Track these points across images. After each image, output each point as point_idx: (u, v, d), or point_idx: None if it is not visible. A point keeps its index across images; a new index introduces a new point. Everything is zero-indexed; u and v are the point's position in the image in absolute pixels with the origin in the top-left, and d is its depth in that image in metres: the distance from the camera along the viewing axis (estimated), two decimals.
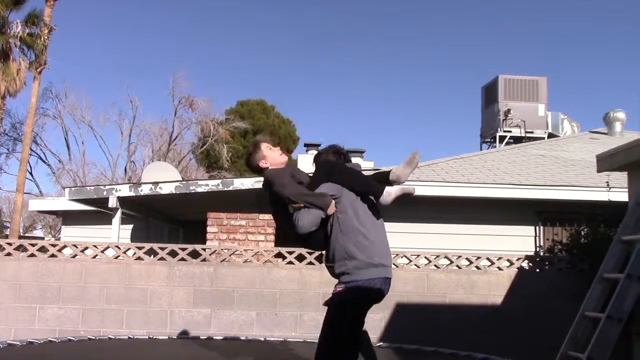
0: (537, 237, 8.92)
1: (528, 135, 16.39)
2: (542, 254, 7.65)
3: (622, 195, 6.88)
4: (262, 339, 5.72)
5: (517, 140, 16.27)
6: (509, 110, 16.64)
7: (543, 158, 11.11)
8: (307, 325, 6.75)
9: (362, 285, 3.29)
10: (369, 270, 3.34)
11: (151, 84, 48.99)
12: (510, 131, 16.80)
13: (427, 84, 57.88)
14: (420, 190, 8.66)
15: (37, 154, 29.35)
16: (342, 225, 3.40)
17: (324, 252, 3.73)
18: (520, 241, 8.74)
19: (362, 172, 3.70)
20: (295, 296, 6.85)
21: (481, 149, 17.41)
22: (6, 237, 19.30)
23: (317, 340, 4.55)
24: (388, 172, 3.72)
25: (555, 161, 10.84)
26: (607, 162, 6.14)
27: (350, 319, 3.29)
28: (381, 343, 5.90)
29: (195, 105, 29.60)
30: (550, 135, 16.56)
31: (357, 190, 3.49)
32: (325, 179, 3.49)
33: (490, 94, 17.53)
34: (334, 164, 3.65)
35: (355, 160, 17.82)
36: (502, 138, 16.81)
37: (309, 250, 6.98)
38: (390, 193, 3.55)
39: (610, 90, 56.23)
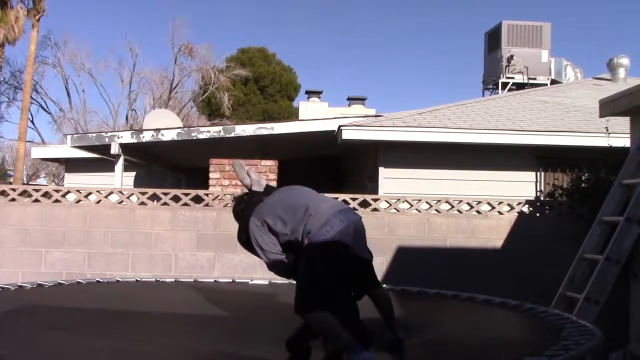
0: (538, 183, 8.96)
1: (531, 81, 16.26)
2: (542, 198, 7.70)
3: (622, 141, 6.88)
4: (267, 282, 5.83)
5: (519, 86, 16.14)
6: (511, 57, 16.46)
7: (545, 104, 11.05)
8: None
9: (320, 235, 3.24)
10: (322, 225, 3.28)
11: (150, 31, 48.43)
12: (512, 78, 16.67)
13: (429, 31, 57.07)
14: (422, 136, 8.69)
15: (38, 102, 29.26)
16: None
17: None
18: (521, 186, 8.78)
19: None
20: None
21: (483, 96, 17.30)
22: (10, 184, 19.39)
23: None
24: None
25: (557, 107, 10.79)
26: (609, 107, 6.13)
27: (319, 271, 3.23)
28: (384, 285, 5.98)
29: (195, 53, 29.32)
30: (553, 82, 16.44)
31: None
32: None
33: (493, 40, 17.30)
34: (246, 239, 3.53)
35: (356, 107, 17.65)
36: (504, 84, 16.69)
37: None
38: None
39: (614, 36, 55.45)
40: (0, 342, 3.08)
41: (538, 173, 8.99)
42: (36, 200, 6.98)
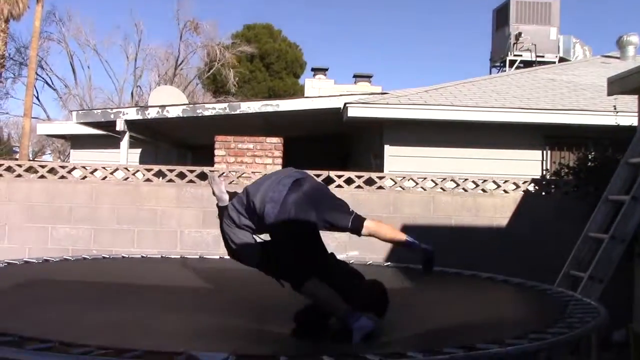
0: (544, 161, 8.92)
1: (539, 59, 16.12)
2: (548, 177, 7.67)
3: (630, 120, 6.83)
4: None
5: (527, 64, 16.01)
6: (519, 34, 16.31)
7: (553, 82, 10.97)
8: None
9: None
10: None
11: (155, 7, 48.09)
12: (520, 55, 16.53)
13: (436, 8, 56.52)
14: (428, 114, 8.64)
15: (43, 78, 29.21)
16: None
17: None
18: (527, 165, 8.75)
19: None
20: None
21: (491, 73, 17.18)
22: (16, 160, 19.44)
23: None
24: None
25: (565, 85, 10.71)
26: (618, 85, 6.07)
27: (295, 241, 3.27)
28: (388, 263, 6.01)
29: (201, 29, 29.15)
30: (561, 60, 16.29)
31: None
32: None
33: (501, 16, 17.13)
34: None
35: (363, 84, 17.57)
36: (512, 62, 16.56)
37: (317, 173, 7.01)
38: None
39: (624, 13, 54.79)
40: (9, 316, 3.11)
41: (544, 151, 8.95)
42: (42, 177, 7.00)
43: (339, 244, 6.90)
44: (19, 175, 6.99)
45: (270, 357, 2.33)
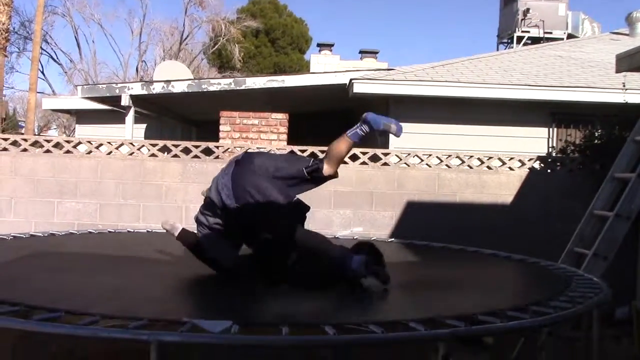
0: (550, 139, 8.88)
1: (547, 35, 16.00)
2: (554, 154, 7.64)
3: (639, 97, 6.79)
4: None
5: (535, 41, 15.88)
6: (528, 10, 16.16)
7: (561, 59, 10.87)
8: (318, 221, 6.89)
9: None
10: None
11: None
12: (528, 31, 16.39)
13: None
14: (434, 91, 8.59)
15: (48, 53, 29.14)
16: None
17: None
18: (533, 143, 8.71)
19: None
20: (307, 193, 6.89)
21: (498, 50, 17.04)
22: (21, 134, 19.47)
23: (330, 236, 4.69)
24: None
25: (573, 62, 10.61)
26: (626, 62, 6.01)
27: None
28: (392, 239, 6.03)
29: (206, 4, 28.96)
30: (570, 36, 16.15)
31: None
32: None
33: None
34: None
35: (368, 60, 17.48)
36: (519, 39, 16.44)
37: (322, 149, 7.02)
38: None
39: None
40: (16, 286, 3.14)
41: (551, 129, 8.90)
42: (47, 151, 7.02)
43: (343, 220, 6.93)
44: (25, 150, 7.01)
45: (273, 325, 2.35)
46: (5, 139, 7.15)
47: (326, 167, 3.47)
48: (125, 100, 9.53)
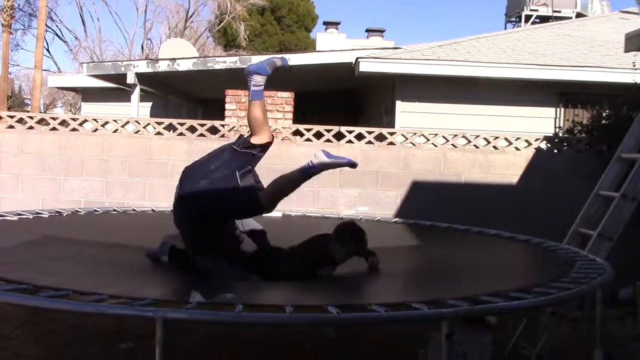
0: (557, 119, 8.82)
1: (555, 14, 15.81)
2: (561, 135, 7.60)
3: None
4: (281, 214, 5.89)
5: (543, 19, 15.72)
6: None
7: (569, 38, 10.76)
8: (324, 200, 6.92)
9: None
10: None
11: None
12: (536, 10, 16.22)
13: None
14: (441, 70, 8.54)
15: (53, 30, 28.99)
16: None
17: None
18: (540, 123, 8.67)
19: None
20: None
21: (506, 29, 16.87)
22: (27, 112, 19.49)
23: (334, 215, 4.72)
24: None
25: (581, 41, 10.51)
26: (636, 41, 5.95)
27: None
28: (396, 219, 6.04)
29: None
30: (579, 15, 15.96)
31: None
32: None
33: None
34: None
35: (375, 39, 17.35)
36: (528, 17, 16.27)
37: (327, 128, 7.01)
38: None
39: None
40: (23, 266, 3.16)
41: (558, 109, 8.85)
42: (54, 129, 7.03)
43: (349, 199, 6.94)
44: (31, 128, 7.02)
45: (277, 306, 2.37)
46: (12, 117, 7.16)
47: (253, 137, 3.59)
48: (130, 78, 9.52)
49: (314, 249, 3.64)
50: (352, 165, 3.60)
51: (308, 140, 7.02)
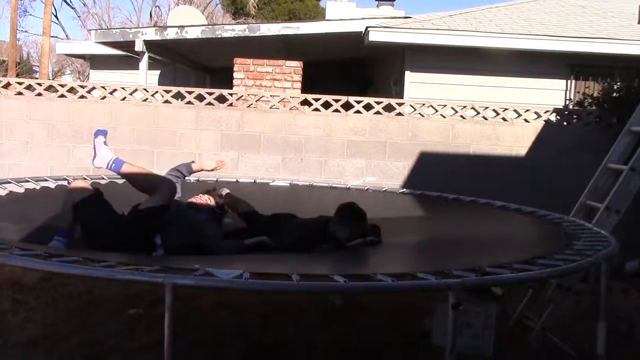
0: (568, 91, 8.75)
1: None
2: (571, 107, 7.53)
3: None
4: (288, 184, 5.91)
5: None
6: None
7: (583, 9, 10.61)
8: (331, 170, 6.93)
9: None
10: None
11: None
12: None
13: None
14: (451, 40, 8.45)
15: None
16: None
17: None
18: (550, 95, 8.59)
19: None
20: (320, 142, 6.96)
21: None
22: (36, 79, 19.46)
23: (342, 185, 4.74)
24: None
25: (594, 12, 10.36)
26: None
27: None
28: (404, 190, 6.05)
29: None
30: None
31: None
32: None
33: None
34: None
35: (385, 8, 17.07)
36: None
37: (336, 98, 6.98)
38: None
39: None
40: (29, 232, 3.20)
41: (569, 81, 8.76)
42: (62, 96, 7.03)
43: (356, 170, 6.94)
44: (40, 94, 7.02)
45: (283, 275, 2.39)
46: (20, 83, 7.17)
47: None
48: (138, 46, 9.48)
49: (315, 228, 3.67)
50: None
51: (316, 110, 7.00)
